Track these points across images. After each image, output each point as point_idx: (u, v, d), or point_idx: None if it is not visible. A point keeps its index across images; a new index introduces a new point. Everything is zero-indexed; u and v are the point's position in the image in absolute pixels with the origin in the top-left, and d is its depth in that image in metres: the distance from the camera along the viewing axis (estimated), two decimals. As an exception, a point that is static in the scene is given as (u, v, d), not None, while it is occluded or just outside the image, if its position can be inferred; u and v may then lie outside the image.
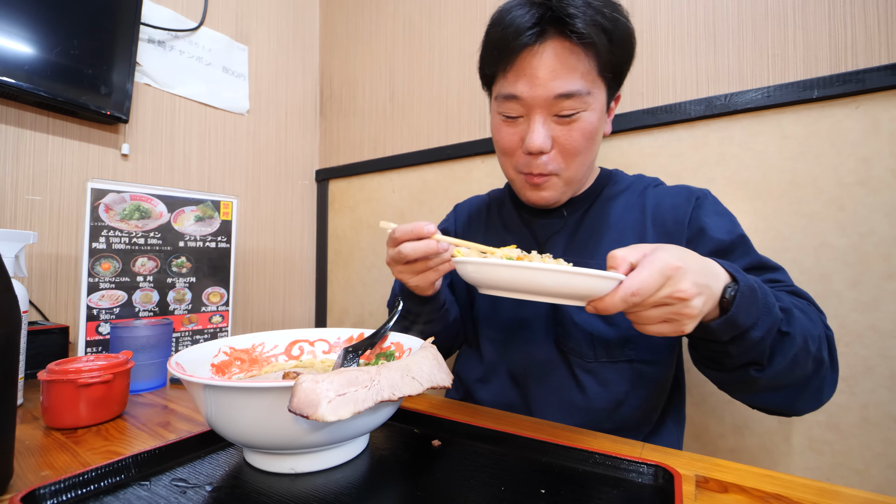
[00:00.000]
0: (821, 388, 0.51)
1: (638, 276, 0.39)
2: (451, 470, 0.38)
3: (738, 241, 0.59)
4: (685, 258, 0.41)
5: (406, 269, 0.56)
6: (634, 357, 0.62)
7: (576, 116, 0.59)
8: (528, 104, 0.59)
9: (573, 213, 0.70)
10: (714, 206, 0.64)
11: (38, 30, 0.89)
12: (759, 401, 0.52)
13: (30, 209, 0.97)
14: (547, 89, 0.58)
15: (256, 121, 1.44)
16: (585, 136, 0.60)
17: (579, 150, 0.61)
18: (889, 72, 0.74)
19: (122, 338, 0.66)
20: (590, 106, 0.59)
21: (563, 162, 0.62)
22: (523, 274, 0.41)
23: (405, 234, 0.54)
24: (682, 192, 0.66)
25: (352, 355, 0.47)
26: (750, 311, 0.43)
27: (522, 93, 0.59)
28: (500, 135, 0.65)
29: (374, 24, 1.48)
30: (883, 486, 0.75)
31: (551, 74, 0.57)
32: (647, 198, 0.67)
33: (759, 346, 0.45)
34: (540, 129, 0.59)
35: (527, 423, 0.53)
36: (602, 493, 0.35)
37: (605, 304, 0.41)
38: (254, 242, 1.43)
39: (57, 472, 0.40)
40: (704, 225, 0.61)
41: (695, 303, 0.40)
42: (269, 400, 0.33)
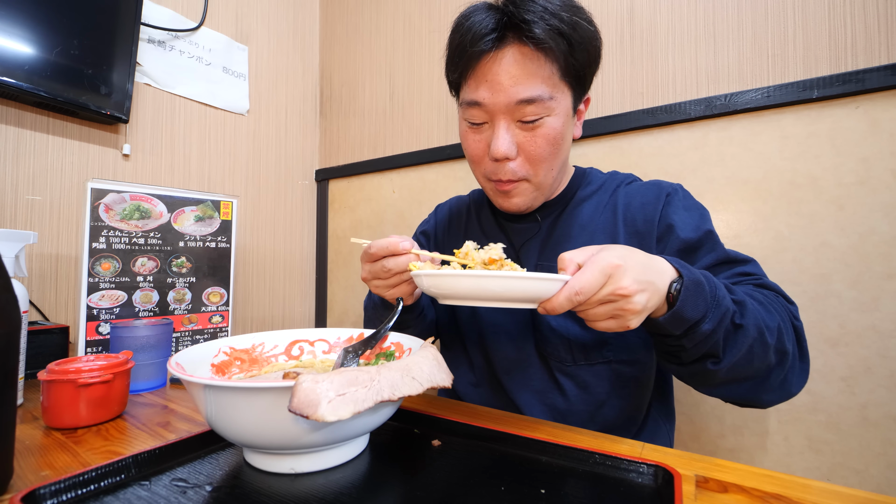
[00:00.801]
0: (787, 379, 0.51)
1: (581, 276, 0.41)
2: (451, 470, 0.38)
3: (705, 237, 0.59)
4: (626, 257, 0.42)
5: (383, 285, 0.56)
6: (612, 358, 0.62)
7: (539, 122, 0.59)
8: (490, 110, 0.59)
9: (546, 217, 0.70)
10: (684, 201, 0.64)
11: (38, 30, 0.89)
12: (723, 393, 0.53)
13: (30, 209, 0.97)
14: (508, 95, 0.57)
15: (256, 121, 1.44)
16: (550, 142, 0.60)
17: (544, 156, 0.60)
18: (889, 72, 0.74)
19: (122, 338, 0.66)
20: (553, 111, 0.59)
21: (530, 168, 0.61)
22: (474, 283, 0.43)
23: (382, 251, 0.54)
24: (652, 190, 0.66)
25: (352, 355, 0.47)
26: (696, 304, 0.44)
27: (484, 99, 0.59)
28: (467, 142, 0.65)
29: (374, 24, 1.48)
30: (883, 486, 0.75)
31: (512, 80, 0.57)
32: (619, 197, 0.67)
33: (711, 339, 0.45)
34: (504, 136, 0.59)
35: (526, 423, 0.53)
36: (602, 493, 0.35)
37: (552, 305, 0.43)
38: (254, 242, 1.43)
39: (57, 472, 0.40)
40: (672, 223, 0.61)
41: (637, 299, 0.41)
42: (269, 400, 0.33)
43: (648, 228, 0.63)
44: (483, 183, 0.68)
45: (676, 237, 0.60)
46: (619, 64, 1.02)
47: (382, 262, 0.54)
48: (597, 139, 1.03)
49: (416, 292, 0.60)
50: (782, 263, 0.83)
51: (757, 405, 0.54)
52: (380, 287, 0.57)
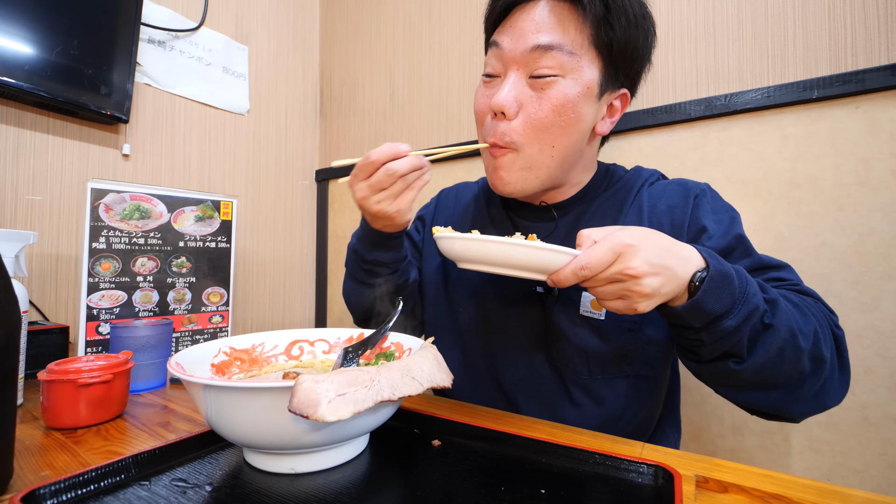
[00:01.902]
0: (823, 389, 0.48)
1: (590, 251, 0.41)
2: (451, 470, 0.38)
3: (735, 242, 0.56)
4: (642, 237, 0.41)
5: (386, 196, 0.54)
6: (631, 373, 0.59)
7: (551, 80, 0.54)
8: (506, 58, 0.57)
9: (564, 215, 0.65)
10: (712, 203, 0.61)
11: (38, 30, 0.89)
12: (748, 399, 0.49)
13: (30, 209, 0.97)
14: (526, 41, 0.55)
15: (256, 121, 1.44)
16: (556, 109, 0.55)
17: (545, 123, 0.55)
18: (889, 72, 0.74)
19: (122, 338, 0.66)
20: (570, 72, 0.55)
21: (523, 134, 0.56)
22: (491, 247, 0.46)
23: (385, 156, 0.52)
24: (679, 192, 0.62)
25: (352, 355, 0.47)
26: (720, 297, 0.42)
27: (503, 42, 0.57)
28: (476, 97, 0.62)
29: (374, 24, 1.48)
30: (883, 486, 0.75)
31: (535, 26, 0.55)
32: (643, 198, 0.63)
33: (734, 336, 0.43)
34: (509, 87, 0.56)
35: (526, 423, 0.53)
36: (602, 493, 0.35)
37: (558, 277, 0.43)
38: (254, 242, 1.43)
39: (57, 472, 0.40)
40: (704, 226, 0.58)
41: (646, 281, 0.41)
42: (269, 400, 0.33)
43: (676, 233, 0.59)
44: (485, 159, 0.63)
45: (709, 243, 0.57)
46: (619, 64, 1.01)
47: (386, 166, 0.52)
48: (597, 139, 1.03)
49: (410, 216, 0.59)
50: (782, 263, 0.83)
51: (787, 417, 0.50)
52: (383, 201, 0.54)
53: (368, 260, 0.65)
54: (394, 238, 0.63)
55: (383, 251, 0.64)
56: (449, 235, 0.50)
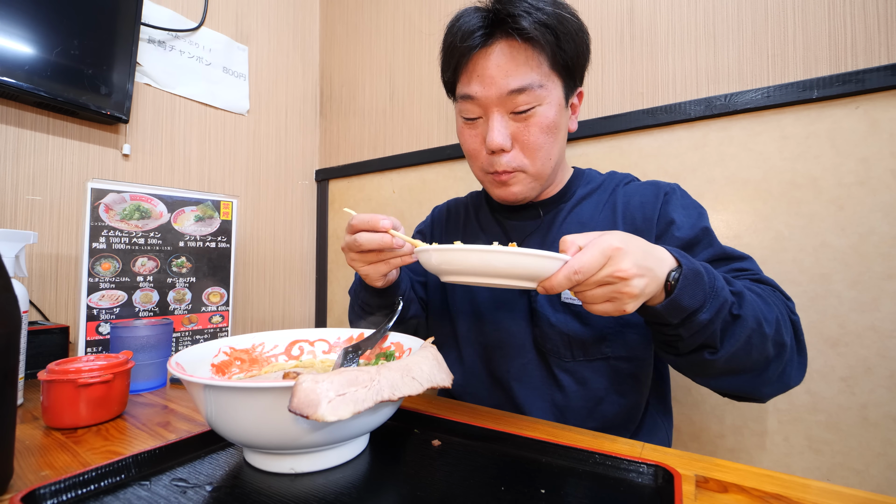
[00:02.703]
0: (785, 371, 0.52)
1: (581, 255, 0.42)
2: (451, 470, 0.38)
3: (702, 234, 0.61)
4: (627, 241, 0.43)
5: (358, 258, 0.57)
6: (611, 354, 0.63)
7: (531, 111, 0.61)
8: (483, 104, 0.62)
9: (547, 212, 0.71)
10: (682, 199, 0.66)
11: (38, 30, 0.89)
12: (721, 385, 0.53)
13: (30, 209, 0.97)
14: (499, 87, 0.60)
15: (256, 121, 1.44)
16: (543, 131, 0.62)
17: (539, 144, 0.62)
18: (889, 72, 0.74)
19: (122, 338, 0.66)
20: (545, 100, 0.61)
21: (525, 158, 0.63)
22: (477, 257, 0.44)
23: (361, 224, 0.55)
24: (651, 189, 0.67)
25: (352, 355, 0.47)
26: (694, 293, 0.45)
27: (477, 93, 0.61)
28: (463, 138, 0.67)
29: (374, 24, 1.48)
30: (883, 486, 0.75)
31: (502, 72, 0.60)
32: (618, 196, 0.68)
33: (709, 329, 0.46)
34: (498, 128, 0.61)
35: (526, 422, 0.53)
36: (602, 493, 0.35)
37: (551, 283, 0.44)
38: (254, 242, 1.43)
39: (57, 472, 0.40)
40: (672, 220, 0.63)
41: (635, 282, 0.42)
42: (269, 400, 0.33)
43: (647, 226, 0.64)
44: (481, 177, 0.69)
45: (673, 235, 0.62)
46: (619, 64, 1.01)
47: (355, 236, 0.55)
48: (597, 139, 1.03)
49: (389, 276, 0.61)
50: (782, 263, 0.83)
51: (755, 398, 0.54)
52: (355, 261, 0.58)
53: (361, 298, 0.68)
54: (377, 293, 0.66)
55: (372, 296, 0.67)
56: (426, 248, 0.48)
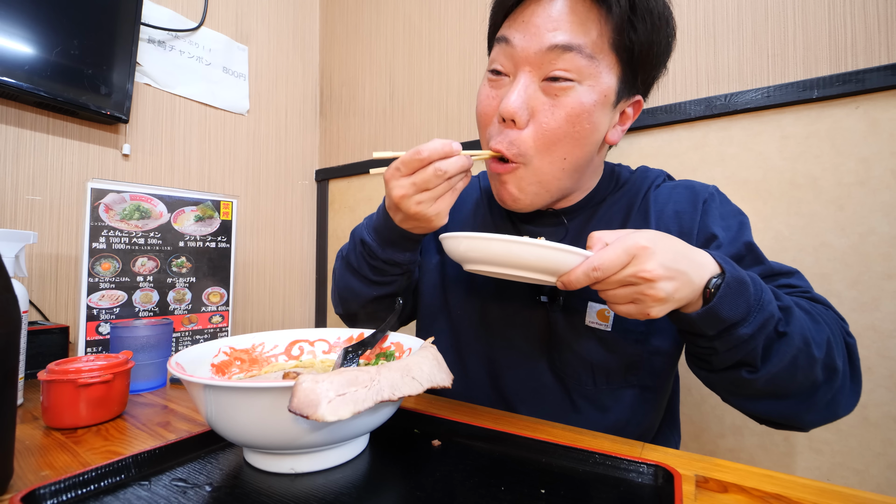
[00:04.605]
0: (835, 399, 0.47)
1: (603, 252, 0.40)
2: (451, 470, 0.38)
3: (746, 250, 0.54)
4: (657, 240, 0.40)
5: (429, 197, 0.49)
6: (637, 383, 0.58)
7: (568, 85, 0.50)
8: (517, 56, 0.51)
9: (572, 220, 0.62)
10: (721, 207, 0.58)
11: (38, 30, 0.89)
12: (759, 409, 0.48)
13: (30, 209, 0.97)
14: (541, 40, 0.50)
15: (256, 121, 1.44)
16: (570, 119, 0.50)
17: (559, 135, 0.51)
18: (889, 72, 0.74)
19: (122, 338, 0.66)
20: (588, 77, 0.50)
21: (533, 146, 0.52)
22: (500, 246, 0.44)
23: (438, 153, 0.47)
24: (687, 197, 0.59)
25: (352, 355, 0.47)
26: (736, 304, 0.41)
27: (514, 39, 0.51)
28: (480, 97, 0.56)
29: (374, 24, 1.48)
30: (883, 486, 0.75)
31: (551, 23, 0.50)
32: (650, 202, 0.60)
33: (749, 345, 0.42)
34: (520, 90, 0.51)
35: (527, 423, 0.53)
36: (602, 493, 0.35)
37: (569, 278, 0.42)
38: (254, 242, 1.43)
39: (57, 472, 0.40)
40: (714, 234, 0.56)
41: (661, 285, 0.39)
42: (269, 400, 0.33)
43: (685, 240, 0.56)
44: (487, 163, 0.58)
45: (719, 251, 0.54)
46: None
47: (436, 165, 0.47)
48: (597, 139, 1.03)
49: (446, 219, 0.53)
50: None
51: (797, 426, 0.49)
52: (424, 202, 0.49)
53: (381, 258, 0.59)
54: (416, 240, 0.58)
55: (400, 251, 0.58)
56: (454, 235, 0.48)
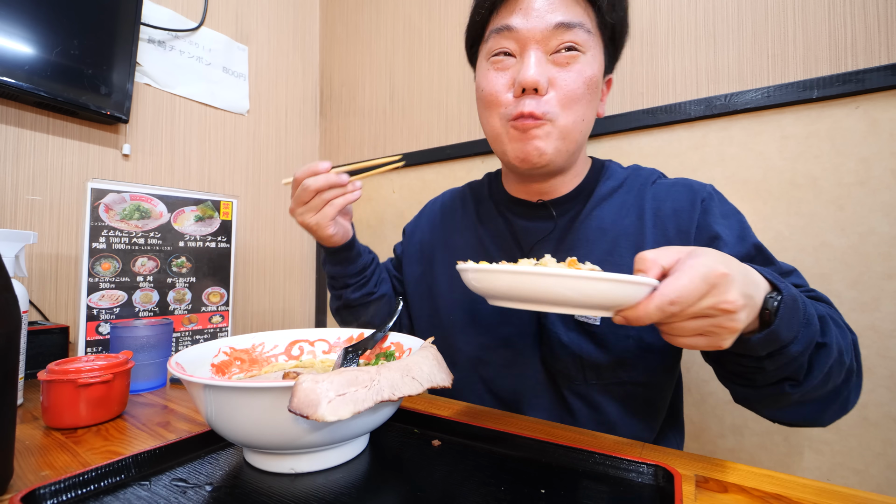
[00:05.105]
0: (848, 396, 0.47)
1: (678, 282, 0.34)
2: (451, 470, 0.38)
3: (755, 251, 0.54)
4: (730, 265, 0.35)
5: (306, 209, 0.60)
6: (628, 380, 0.57)
7: (576, 54, 0.54)
8: (522, 37, 0.54)
9: (561, 214, 0.63)
10: (721, 207, 0.58)
11: (38, 30, 0.89)
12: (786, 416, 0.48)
13: (30, 209, 0.97)
14: (545, 20, 0.53)
15: (256, 121, 1.44)
16: (586, 82, 0.54)
17: (578, 95, 0.54)
18: (889, 72, 0.74)
19: (122, 338, 0.66)
20: (589, 50, 0.55)
21: (558, 106, 0.54)
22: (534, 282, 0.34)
23: (304, 173, 0.58)
24: (685, 194, 0.59)
25: (352, 355, 0.47)
26: (792, 324, 0.39)
27: (517, 23, 0.54)
28: (486, 81, 0.58)
29: (374, 24, 1.48)
30: (883, 486, 0.75)
31: (550, 6, 0.54)
32: (646, 199, 0.60)
33: (797, 361, 0.40)
34: (536, 63, 0.53)
35: (526, 423, 0.53)
36: (602, 493, 0.35)
37: (637, 314, 0.36)
38: (254, 242, 1.43)
39: (57, 472, 0.40)
40: (717, 234, 0.55)
41: (740, 316, 0.35)
42: (269, 400, 0.33)
43: (682, 239, 0.57)
44: (497, 128, 0.58)
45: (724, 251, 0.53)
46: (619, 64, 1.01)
47: (304, 183, 0.58)
48: (597, 139, 1.03)
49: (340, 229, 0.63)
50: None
51: (816, 424, 0.49)
52: (304, 213, 0.60)
53: (328, 274, 0.71)
54: (337, 253, 0.67)
55: (331, 265, 0.69)
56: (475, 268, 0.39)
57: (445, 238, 0.74)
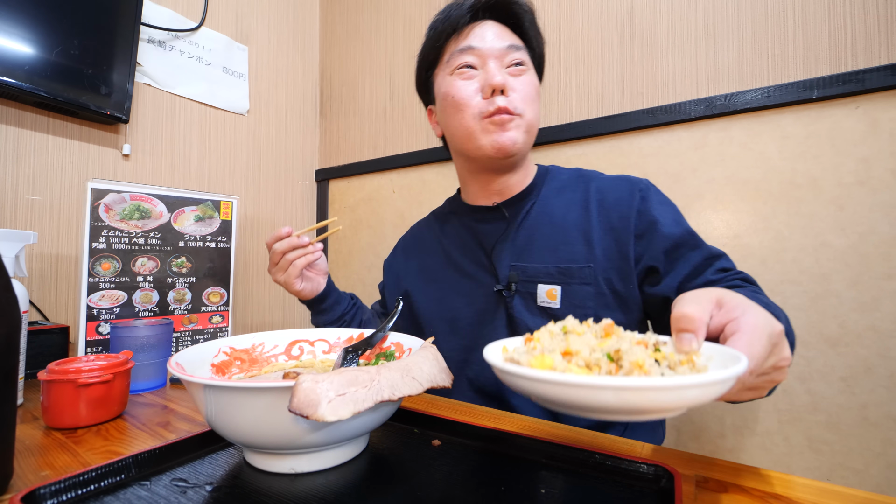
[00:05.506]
0: None
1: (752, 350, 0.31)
2: (451, 470, 0.38)
3: (689, 234, 0.61)
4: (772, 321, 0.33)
5: (276, 269, 0.71)
6: None
7: (524, 68, 0.67)
8: (483, 54, 0.66)
9: (515, 214, 0.71)
10: (658, 196, 0.66)
11: (38, 30, 0.89)
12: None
13: (30, 209, 0.97)
14: (499, 42, 0.66)
15: (256, 121, 1.44)
16: (534, 87, 0.68)
17: (533, 97, 0.67)
18: (889, 72, 0.74)
19: (122, 338, 0.66)
20: (530, 69, 0.68)
21: (523, 103, 0.65)
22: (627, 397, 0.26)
23: (271, 240, 0.70)
24: (625, 185, 0.67)
25: (352, 355, 0.47)
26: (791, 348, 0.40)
27: (478, 44, 0.66)
28: (455, 88, 0.67)
29: (374, 24, 1.48)
30: (882, 486, 0.75)
31: (498, 35, 0.66)
32: (590, 192, 0.68)
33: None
34: (499, 71, 0.65)
35: (527, 423, 0.53)
36: (602, 493, 0.35)
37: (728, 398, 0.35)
38: (254, 242, 1.43)
39: (57, 472, 0.40)
40: (655, 218, 0.62)
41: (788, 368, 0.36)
42: (269, 400, 0.33)
43: (624, 225, 0.64)
44: (471, 125, 0.66)
45: (662, 234, 0.61)
46: (619, 64, 1.01)
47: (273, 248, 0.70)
48: (597, 139, 1.03)
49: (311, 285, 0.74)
50: (782, 263, 0.83)
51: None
52: (276, 273, 0.72)
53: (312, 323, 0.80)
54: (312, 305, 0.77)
55: (312, 315, 0.79)
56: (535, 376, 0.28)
57: (419, 262, 0.82)
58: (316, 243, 0.72)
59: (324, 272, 0.77)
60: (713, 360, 0.32)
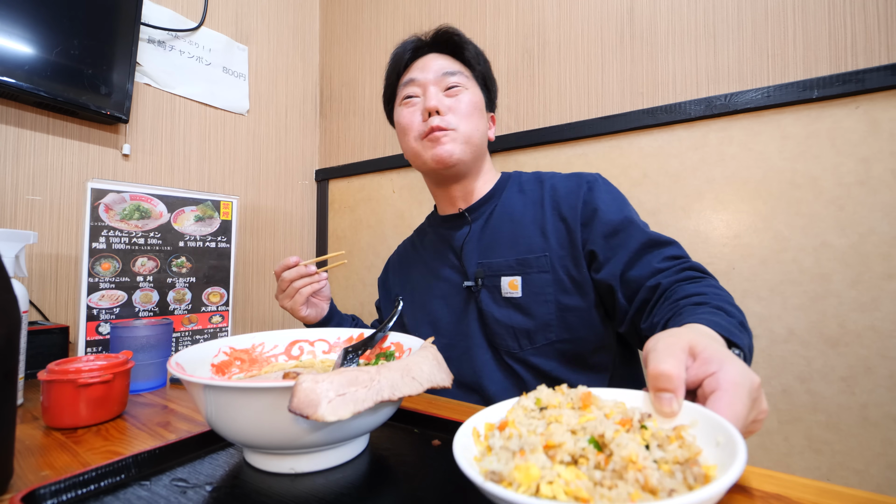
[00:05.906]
0: None
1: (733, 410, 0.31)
2: (451, 470, 0.38)
3: (627, 221, 0.65)
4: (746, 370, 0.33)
5: (283, 296, 0.77)
6: (555, 339, 0.68)
7: (460, 89, 0.75)
8: (422, 83, 0.75)
9: (479, 217, 0.78)
10: (604, 187, 0.71)
11: (38, 30, 0.89)
12: None
13: (30, 209, 0.97)
14: (435, 70, 0.75)
15: (256, 121, 1.44)
16: (469, 104, 0.75)
17: (468, 112, 0.74)
18: (889, 72, 0.74)
19: (122, 338, 0.66)
20: (470, 87, 0.76)
21: (456, 119, 0.73)
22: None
23: (279, 268, 0.77)
24: (574, 180, 0.73)
25: (352, 355, 0.47)
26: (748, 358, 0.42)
27: (417, 76, 0.76)
28: (401, 116, 0.77)
29: (374, 25, 1.48)
30: (883, 486, 0.75)
31: (437, 64, 0.76)
32: (545, 190, 0.74)
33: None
34: (435, 94, 0.74)
35: (527, 423, 0.53)
36: (602, 493, 0.35)
37: None
38: (254, 242, 1.43)
39: (57, 472, 0.40)
40: (597, 207, 0.67)
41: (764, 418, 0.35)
42: (269, 400, 0.33)
43: (572, 214, 0.69)
44: (415, 147, 0.76)
45: (601, 220, 0.66)
46: (619, 64, 1.01)
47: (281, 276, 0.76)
48: (597, 139, 1.03)
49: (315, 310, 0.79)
50: (782, 263, 0.83)
51: None
52: (283, 300, 0.78)
53: None
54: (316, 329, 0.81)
55: None
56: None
57: (405, 277, 0.89)
58: (321, 272, 0.79)
59: (327, 298, 0.83)
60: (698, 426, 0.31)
